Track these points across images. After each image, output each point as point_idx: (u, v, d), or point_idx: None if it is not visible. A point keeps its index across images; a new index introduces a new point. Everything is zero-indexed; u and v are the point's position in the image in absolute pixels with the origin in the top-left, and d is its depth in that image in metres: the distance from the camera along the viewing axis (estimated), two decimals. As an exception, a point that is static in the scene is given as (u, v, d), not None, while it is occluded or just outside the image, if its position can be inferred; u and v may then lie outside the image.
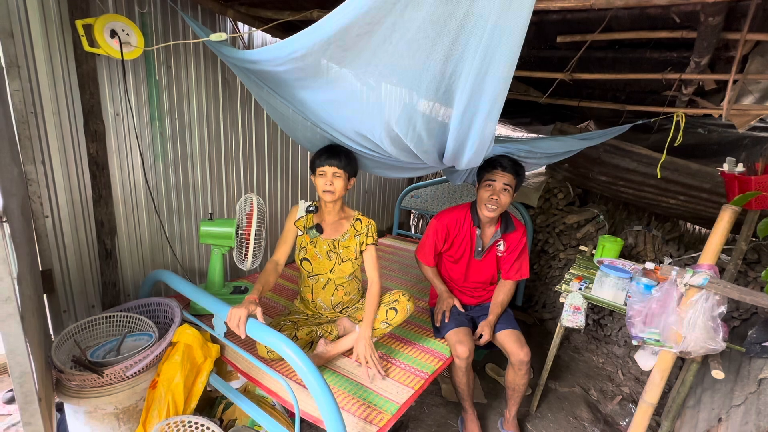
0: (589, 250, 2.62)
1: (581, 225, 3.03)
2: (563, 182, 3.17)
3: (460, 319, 1.98)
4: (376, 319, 1.80)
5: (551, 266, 3.14)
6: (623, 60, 1.82)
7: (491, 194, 1.86)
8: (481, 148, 1.50)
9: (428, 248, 2.08)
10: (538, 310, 3.26)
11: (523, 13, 0.93)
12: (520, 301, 3.22)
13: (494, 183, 1.86)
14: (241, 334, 1.46)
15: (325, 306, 1.91)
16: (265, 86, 1.61)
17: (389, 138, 1.50)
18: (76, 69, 1.69)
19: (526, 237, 2.04)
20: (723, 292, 1.43)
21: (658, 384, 1.63)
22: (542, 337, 2.95)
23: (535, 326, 3.14)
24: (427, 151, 1.62)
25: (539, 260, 3.21)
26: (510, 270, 2.03)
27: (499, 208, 1.87)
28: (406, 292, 1.89)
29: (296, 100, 1.59)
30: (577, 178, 2.96)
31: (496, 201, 1.86)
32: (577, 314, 1.99)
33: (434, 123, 1.45)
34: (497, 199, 1.85)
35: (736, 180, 1.87)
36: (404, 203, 3.74)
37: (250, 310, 1.49)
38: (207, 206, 2.36)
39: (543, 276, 3.19)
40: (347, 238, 1.84)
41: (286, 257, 1.82)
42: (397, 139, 1.50)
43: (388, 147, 1.57)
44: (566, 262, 3.00)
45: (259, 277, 1.70)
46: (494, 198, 1.85)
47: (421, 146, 1.55)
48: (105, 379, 1.45)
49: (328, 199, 1.75)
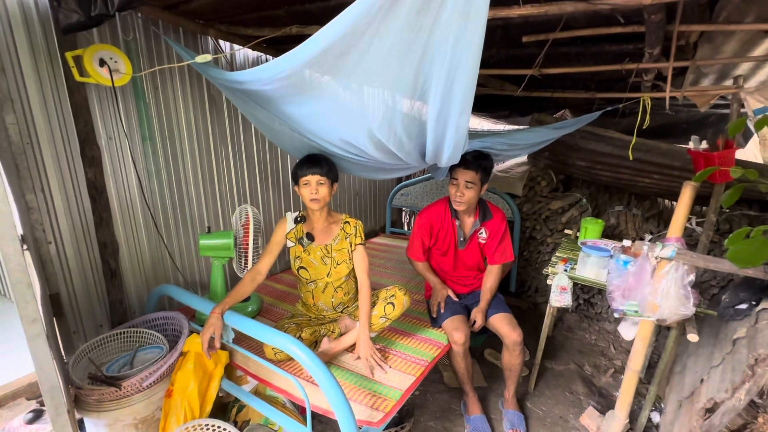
0: (573, 233, 2.74)
1: (566, 210, 3.16)
2: (545, 170, 3.29)
3: (455, 307, 2.09)
4: (374, 315, 1.89)
5: (540, 251, 3.26)
6: (586, 54, 1.97)
7: (456, 190, 1.99)
8: (458, 145, 1.61)
9: (416, 245, 2.20)
10: (531, 294, 3.39)
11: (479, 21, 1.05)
12: (514, 287, 3.35)
13: (457, 180, 1.99)
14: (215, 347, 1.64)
15: (327, 308, 2.01)
16: (251, 101, 1.68)
17: (372, 143, 1.59)
18: (69, 98, 1.78)
19: (506, 222, 2.16)
20: (690, 262, 1.58)
21: (641, 351, 1.78)
22: (537, 320, 3.06)
23: (529, 310, 3.27)
24: (409, 152, 1.72)
25: (528, 247, 3.34)
26: (494, 255, 2.15)
27: (464, 203, 2.00)
28: (402, 287, 1.99)
29: (282, 113, 1.66)
30: (558, 165, 3.10)
31: (461, 196, 1.99)
32: (564, 294, 2.13)
33: (413, 125, 1.55)
34: (462, 195, 1.98)
35: (701, 157, 2.02)
36: (395, 202, 3.85)
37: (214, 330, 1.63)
38: (203, 219, 2.44)
39: (533, 261, 3.31)
40: (338, 241, 1.94)
41: (269, 267, 1.88)
42: (379, 144, 1.59)
43: (372, 152, 1.66)
44: (554, 247, 3.12)
45: (232, 289, 1.77)
46: (458, 194, 1.98)
47: (402, 148, 1.65)
48: (123, 391, 1.54)
49: (315, 207, 1.82)
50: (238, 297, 1.75)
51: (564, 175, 3.43)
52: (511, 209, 3.22)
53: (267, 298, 2.52)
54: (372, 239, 3.70)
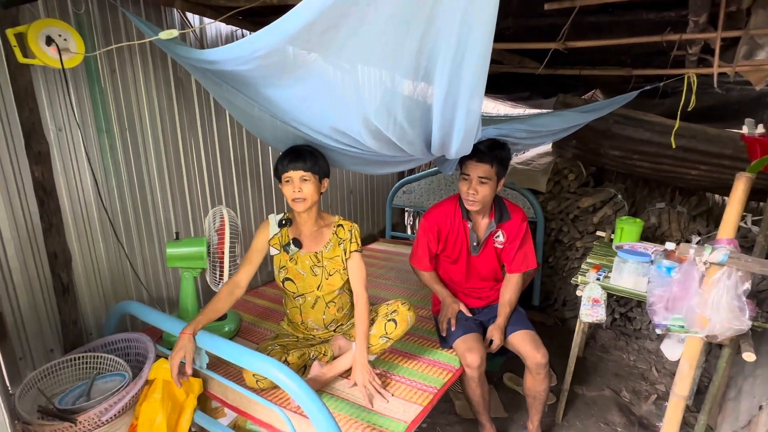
0: (607, 235, 2.74)
1: (597, 208, 3.15)
2: (573, 161, 3.30)
3: (468, 324, 2.09)
4: (373, 334, 1.89)
5: (568, 257, 3.26)
6: (619, 23, 1.96)
7: (468, 187, 1.98)
8: (470, 133, 1.60)
9: (421, 252, 2.19)
10: (558, 308, 3.39)
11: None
12: (537, 300, 3.34)
13: (469, 175, 1.98)
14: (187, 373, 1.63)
15: (317, 326, 2.01)
16: (225, 85, 1.67)
17: (369, 132, 1.58)
18: (10, 83, 1.78)
19: (526, 222, 2.15)
20: (745, 267, 1.57)
21: (687, 374, 1.77)
22: (565, 338, 3.04)
23: (556, 327, 3.27)
24: (412, 142, 1.70)
25: (554, 252, 3.33)
26: (514, 262, 2.14)
27: (479, 202, 1.99)
28: (406, 301, 1.98)
29: (262, 98, 1.65)
30: (588, 155, 3.10)
31: (474, 194, 1.97)
32: (596, 307, 2.12)
33: (416, 110, 1.54)
34: (475, 193, 1.97)
35: (757, 143, 2.02)
36: (396, 201, 3.85)
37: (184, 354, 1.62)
38: (171, 225, 2.44)
39: (560, 269, 3.31)
40: (331, 248, 1.94)
41: (249, 280, 1.88)
42: (377, 133, 1.58)
43: (368, 142, 1.65)
44: (584, 251, 3.12)
45: (206, 306, 1.77)
46: (471, 192, 1.97)
47: (404, 138, 1.63)
48: (79, 426, 1.54)
49: (300, 208, 1.83)
50: (212, 315, 1.75)
51: (595, 167, 3.44)
52: (533, 208, 3.22)
53: (247, 315, 2.51)
54: (370, 245, 3.72)
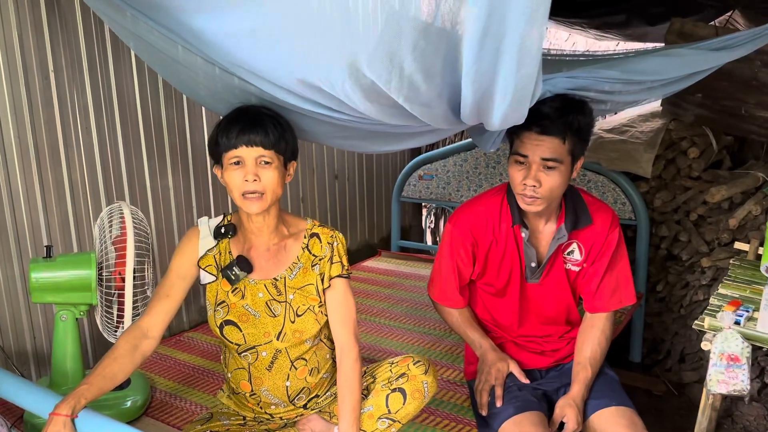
0: (752, 248, 2.52)
1: (737, 203, 2.94)
2: (697, 128, 3.12)
3: (524, 396, 1.93)
4: (367, 413, 1.73)
5: (688, 284, 3.06)
6: None
7: (524, 176, 1.80)
8: (524, 89, 1.46)
9: (446, 278, 2.06)
10: (671, 367, 3.19)
11: None
12: (639, 355, 3.17)
13: (527, 157, 1.80)
14: None
15: (277, 400, 1.85)
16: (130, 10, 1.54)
17: (360, 88, 1.45)
18: None
19: (618, 229, 1.98)
20: None
21: None
22: (684, 416, 2.84)
23: (670, 397, 3.09)
24: (429, 104, 1.59)
25: (665, 276, 3.14)
26: (598, 294, 1.99)
27: (542, 200, 1.83)
28: (422, 357, 1.84)
29: (187, 31, 1.52)
30: (720, 117, 2.94)
31: (535, 187, 1.80)
32: (735, 369, 1.84)
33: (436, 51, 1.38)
34: (536, 185, 1.80)
35: None
36: (407, 191, 3.60)
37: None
38: (38, 233, 2.31)
39: (674, 304, 3.14)
40: (299, 271, 1.79)
41: (166, 323, 1.75)
42: (373, 89, 1.45)
43: (359, 104, 1.52)
44: (714, 275, 2.94)
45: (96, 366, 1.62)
46: (530, 183, 1.79)
47: (416, 98, 1.52)
48: None
49: (255, 208, 1.67)
50: (105, 383, 1.60)
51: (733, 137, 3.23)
52: (632, 205, 2.99)
53: (163, 381, 2.39)
54: (364, 262, 3.46)
